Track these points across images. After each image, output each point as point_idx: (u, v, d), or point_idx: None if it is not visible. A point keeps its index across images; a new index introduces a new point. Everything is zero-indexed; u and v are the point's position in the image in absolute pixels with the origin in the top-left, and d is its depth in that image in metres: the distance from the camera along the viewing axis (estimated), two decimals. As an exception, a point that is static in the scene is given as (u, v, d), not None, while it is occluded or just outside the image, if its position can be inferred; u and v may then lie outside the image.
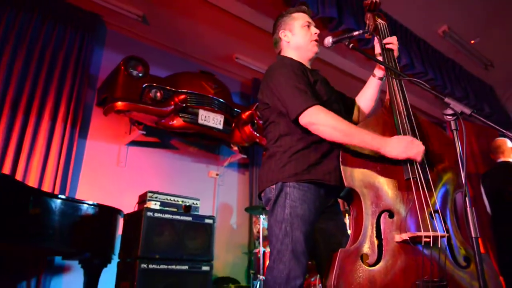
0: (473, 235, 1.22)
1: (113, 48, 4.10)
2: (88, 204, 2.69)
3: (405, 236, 1.35)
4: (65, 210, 2.49)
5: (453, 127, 1.37)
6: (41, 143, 3.29)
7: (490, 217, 3.55)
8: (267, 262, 3.55)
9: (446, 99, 1.37)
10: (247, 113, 4.08)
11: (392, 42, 1.81)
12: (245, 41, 4.42)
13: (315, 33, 1.78)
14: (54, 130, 3.40)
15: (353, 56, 4.68)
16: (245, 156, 4.61)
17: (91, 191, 3.57)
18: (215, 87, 3.98)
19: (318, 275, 3.42)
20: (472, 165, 4.54)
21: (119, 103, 3.39)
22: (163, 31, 4.27)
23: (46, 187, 3.21)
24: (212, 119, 3.84)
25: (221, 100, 3.98)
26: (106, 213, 2.85)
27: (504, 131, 1.35)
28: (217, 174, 4.54)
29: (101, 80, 3.91)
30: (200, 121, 3.76)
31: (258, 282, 3.36)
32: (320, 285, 3.44)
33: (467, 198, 1.26)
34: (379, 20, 1.95)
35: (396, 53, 1.81)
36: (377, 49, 1.86)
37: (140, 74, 3.56)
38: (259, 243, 3.91)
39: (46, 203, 2.36)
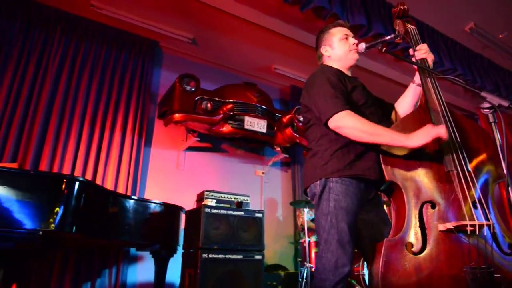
0: (518, 223, 1.12)
1: (169, 68, 4.25)
2: (155, 203, 2.78)
3: (449, 225, 1.28)
4: (137, 208, 2.59)
5: (491, 119, 1.28)
6: (114, 152, 3.47)
7: None
8: (313, 251, 3.53)
9: (483, 93, 1.28)
10: (287, 117, 4.06)
11: (423, 49, 1.70)
12: (282, 52, 4.40)
13: (354, 44, 1.73)
14: (125, 141, 3.57)
15: (383, 58, 4.52)
16: (287, 156, 4.58)
17: (156, 192, 3.70)
18: (258, 95, 4.00)
19: (361, 262, 3.33)
20: (508, 154, 4.20)
21: (177, 115, 3.50)
22: (210, 50, 4.35)
23: (120, 189, 3.36)
24: (257, 124, 3.85)
25: (264, 107, 3.99)
26: (171, 210, 2.93)
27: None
28: (263, 173, 4.55)
29: (161, 96, 4.06)
30: (246, 127, 3.79)
31: (306, 269, 3.32)
32: (363, 271, 3.33)
33: (510, 188, 1.17)
34: (409, 26, 1.86)
35: (430, 60, 1.70)
36: (412, 52, 1.77)
37: (193, 89, 3.65)
38: (304, 233, 3.87)
39: (122, 203, 2.48)
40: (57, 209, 1.95)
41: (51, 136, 3.21)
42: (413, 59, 1.74)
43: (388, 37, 1.62)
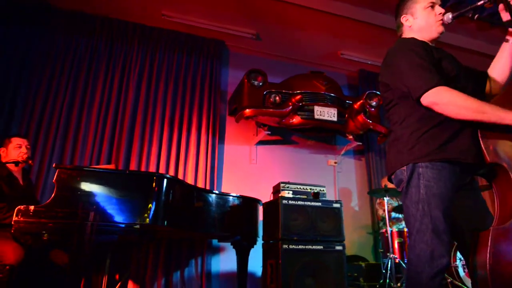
0: None
1: (236, 65, 4.34)
2: (234, 196, 2.87)
3: None
4: (219, 202, 2.72)
5: None
6: (192, 150, 3.68)
7: None
8: (396, 241, 3.34)
9: None
10: (359, 103, 3.88)
11: None
12: (348, 37, 4.22)
13: (440, 13, 1.53)
14: (200, 139, 3.77)
15: (463, 28, 4.07)
16: (360, 143, 4.38)
17: (232, 186, 3.83)
18: (326, 83, 3.88)
19: (452, 253, 3.05)
20: None
21: (247, 110, 3.57)
22: (274, 43, 4.35)
23: (200, 184, 3.56)
24: (327, 113, 3.75)
25: (333, 95, 3.86)
26: (249, 203, 3.00)
27: None
28: (335, 162, 4.43)
29: (230, 94, 4.18)
30: (316, 116, 3.71)
31: (389, 260, 3.15)
32: (456, 263, 3.06)
33: None
34: (502, -15, 1.61)
35: None
36: (505, 16, 1.54)
37: (261, 83, 3.68)
38: (384, 223, 3.68)
39: (205, 197, 2.61)
40: (150, 204, 2.13)
41: (137, 138, 3.53)
42: (505, 19, 1.50)
43: (481, 2, 1.42)
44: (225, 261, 3.60)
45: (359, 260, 3.81)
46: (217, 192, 2.78)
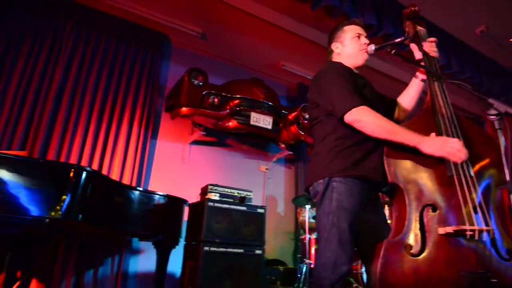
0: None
1: (177, 61, 4.25)
2: (159, 195, 2.79)
3: (449, 229, 1.29)
4: (142, 199, 2.62)
5: (497, 126, 1.28)
6: (121, 144, 3.50)
7: None
8: (313, 248, 3.55)
9: (490, 100, 1.29)
10: (293, 114, 4.07)
11: (432, 49, 1.72)
12: (290, 50, 4.40)
13: (365, 43, 1.72)
14: (131, 133, 3.59)
15: (390, 58, 4.49)
16: (291, 153, 4.59)
17: (160, 184, 3.73)
18: (265, 92, 4.00)
19: (359, 261, 3.34)
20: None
21: (184, 108, 3.52)
22: (219, 45, 4.36)
23: (126, 180, 3.40)
24: (263, 120, 3.86)
25: (270, 103, 3.99)
26: (174, 203, 2.94)
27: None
28: (266, 169, 4.57)
29: (168, 89, 4.07)
30: (252, 122, 3.80)
31: (305, 266, 3.34)
32: (362, 270, 3.35)
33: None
34: (419, 27, 1.85)
35: (436, 55, 1.72)
36: (417, 55, 1.77)
37: (201, 83, 3.66)
38: (304, 230, 3.89)
39: (128, 194, 2.51)
40: (64, 197, 1.99)
41: (60, 125, 3.25)
42: (417, 57, 1.74)
43: (398, 40, 1.61)
44: (144, 260, 3.48)
45: (278, 265, 3.96)
46: (141, 189, 2.68)
